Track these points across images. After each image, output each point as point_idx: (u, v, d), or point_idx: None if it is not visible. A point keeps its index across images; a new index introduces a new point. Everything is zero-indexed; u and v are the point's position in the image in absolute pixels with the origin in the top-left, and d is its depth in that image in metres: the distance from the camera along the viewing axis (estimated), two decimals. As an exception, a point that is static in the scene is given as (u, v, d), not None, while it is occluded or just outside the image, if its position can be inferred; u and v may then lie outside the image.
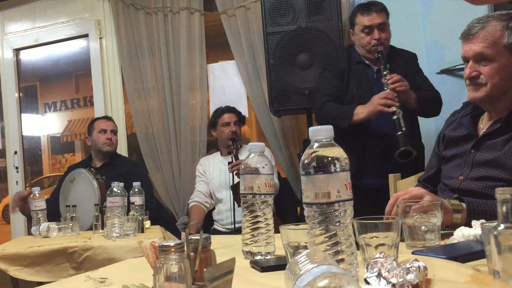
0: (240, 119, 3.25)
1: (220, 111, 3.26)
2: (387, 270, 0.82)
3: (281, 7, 2.89)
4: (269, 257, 1.18)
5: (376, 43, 2.48)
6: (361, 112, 2.35)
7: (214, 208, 3.23)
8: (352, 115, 2.37)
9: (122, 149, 3.96)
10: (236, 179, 2.87)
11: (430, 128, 2.86)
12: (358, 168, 2.40)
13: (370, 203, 1.81)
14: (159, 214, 3.14)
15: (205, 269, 0.72)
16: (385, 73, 2.38)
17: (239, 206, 2.90)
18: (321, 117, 2.52)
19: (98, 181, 2.70)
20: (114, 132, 3.23)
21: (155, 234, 2.33)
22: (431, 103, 2.48)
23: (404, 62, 2.56)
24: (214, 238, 1.01)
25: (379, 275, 0.82)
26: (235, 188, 2.91)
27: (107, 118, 3.36)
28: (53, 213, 2.71)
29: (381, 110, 2.28)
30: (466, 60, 1.53)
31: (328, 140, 0.86)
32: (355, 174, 1.46)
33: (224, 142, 3.17)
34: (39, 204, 2.55)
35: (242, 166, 1.22)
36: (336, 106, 2.48)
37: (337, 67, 2.56)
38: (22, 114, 4.48)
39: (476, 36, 1.49)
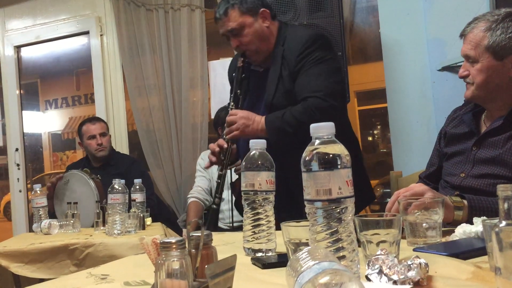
0: None
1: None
2: (388, 267, 0.82)
3: (282, 4, 2.88)
4: (270, 254, 1.18)
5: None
6: None
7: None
8: None
9: (123, 147, 3.97)
10: (235, 176, 2.87)
11: (431, 124, 2.86)
12: None
13: None
14: (160, 211, 3.14)
15: (206, 266, 0.72)
16: (230, 106, 2.02)
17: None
18: None
19: (94, 181, 2.70)
20: (104, 133, 3.18)
21: (156, 231, 2.33)
22: (280, 131, 1.81)
23: (281, 57, 1.97)
24: (216, 235, 1.01)
25: (380, 272, 0.82)
26: (233, 185, 2.91)
27: (93, 120, 3.27)
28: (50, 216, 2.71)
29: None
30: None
31: (329, 137, 0.86)
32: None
33: None
34: (40, 201, 2.55)
35: (243, 163, 1.22)
36: None
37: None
38: (23, 111, 4.48)
39: (466, 37, 1.55)
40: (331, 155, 0.84)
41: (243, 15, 1.96)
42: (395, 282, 0.80)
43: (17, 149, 4.30)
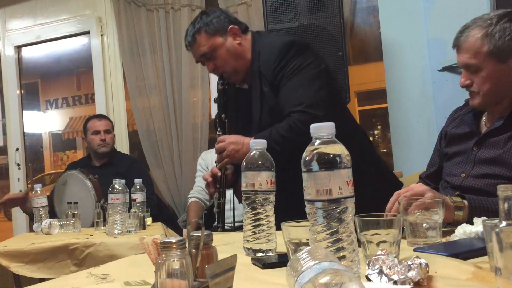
0: None
1: None
2: (388, 267, 0.82)
3: (283, 4, 2.88)
4: (270, 254, 1.18)
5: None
6: None
7: (213, 205, 3.22)
8: None
9: (124, 147, 3.97)
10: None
11: (431, 124, 2.86)
12: None
13: None
14: (160, 211, 3.14)
15: (206, 266, 0.72)
16: (217, 132, 1.97)
17: (239, 202, 2.89)
18: None
19: (91, 181, 2.70)
20: (108, 131, 3.20)
21: (157, 231, 2.33)
22: (269, 151, 1.52)
23: (259, 72, 1.88)
24: (216, 235, 1.01)
25: (380, 272, 0.82)
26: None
27: (100, 117, 3.32)
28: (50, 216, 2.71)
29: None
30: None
31: (330, 137, 0.86)
32: None
33: None
34: (40, 201, 2.55)
35: (244, 163, 1.22)
36: None
37: None
38: (24, 111, 4.49)
39: (461, 47, 1.52)
40: (331, 155, 0.84)
41: (212, 37, 1.90)
42: (395, 282, 0.80)
43: (17, 149, 4.30)
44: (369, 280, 0.83)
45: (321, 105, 1.72)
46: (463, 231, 1.16)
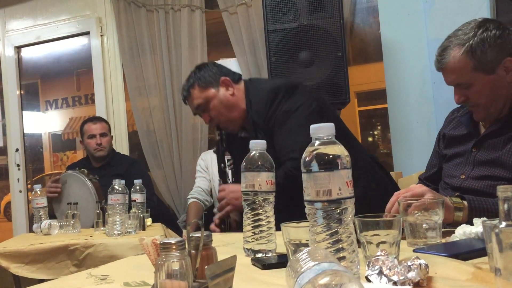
0: None
1: None
2: (388, 267, 0.82)
3: (283, 5, 2.88)
4: (270, 254, 1.18)
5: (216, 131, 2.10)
6: None
7: (213, 206, 3.23)
8: None
9: (124, 147, 3.97)
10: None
11: (431, 125, 2.86)
12: None
13: None
14: (160, 211, 3.14)
15: (206, 267, 0.72)
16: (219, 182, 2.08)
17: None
18: None
19: (92, 182, 2.70)
20: (104, 134, 3.20)
21: (156, 232, 2.33)
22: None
23: (253, 122, 1.92)
24: (216, 236, 1.01)
25: (380, 273, 0.82)
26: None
27: (95, 119, 3.30)
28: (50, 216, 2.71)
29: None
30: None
31: (329, 137, 0.86)
32: None
33: None
34: (40, 201, 2.55)
35: (244, 164, 1.22)
36: None
37: None
38: (24, 112, 4.49)
39: (445, 69, 1.51)
40: (331, 156, 0.83)
41: (204, 90, 1.99)
42: (395, 283, 0.80)
43: (17, 150, 4.30)
44: (369, 281, 0.83)
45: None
46: (463, 232, 1.16)
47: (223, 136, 2.04)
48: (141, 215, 2.37)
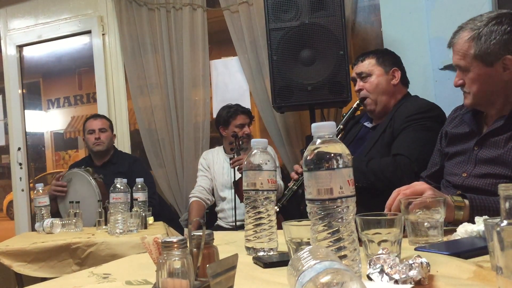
0: (251, 120, 3.24)
1: (233, 111, 3.18)
2: (389, 266, 0.82)
3: (284, 3, 2.88)
4: (271, 253, 1.18)
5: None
6: None
7: (215, 204, 3.23)
8: None
9: (125, 146, 3.98)
10: (238, 175, 2.87)
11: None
12: None
13: None
14: (162, 210, 3.14)
15: (208, 265, 0.72)
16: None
17: (241, 201, 2.90)
18: None
19: (97, 180, 2.71)
20: (104, 129, 3.22)
21: (158, 230, 2.34)
22: (361, 175, 1.95)
23: (392, 116, 2.15)
24: (217, 234, 1.01)
25: (381, 271, 0.82)
26: (237, 184, 2.91)
27: (96, 116, 3.34)
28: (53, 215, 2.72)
29: None
30: None
31: (331, 136, 0.86)
32: None
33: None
34: (42, 200, 2.55)
35: (245, 163, 1.22)
36: None
37: None
38: (26, 111, 4.49)
39: (453, 48, 1.56)
40: (332, 154, 0.84)
41: (376, 65, 2.25)
42: (396, 282, 0.80)
43: (19, 148, 4.31)
44: (370, 279, 0.83)
45: (422, 166, 1.90)
46: (464, 230, 1.16)
47: (360, 112, 2.32)
48: (143, 214, 2.37)
